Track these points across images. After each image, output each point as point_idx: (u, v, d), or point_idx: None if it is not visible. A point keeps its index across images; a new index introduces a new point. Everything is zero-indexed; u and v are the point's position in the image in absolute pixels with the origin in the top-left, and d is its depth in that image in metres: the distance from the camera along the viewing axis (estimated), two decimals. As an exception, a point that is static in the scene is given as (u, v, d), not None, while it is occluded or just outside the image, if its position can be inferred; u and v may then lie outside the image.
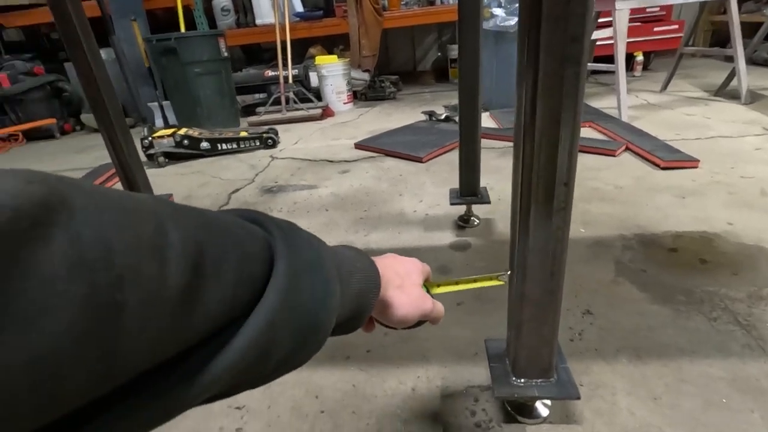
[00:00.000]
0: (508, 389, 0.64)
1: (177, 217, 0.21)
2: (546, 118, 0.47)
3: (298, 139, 2.71)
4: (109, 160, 2.50)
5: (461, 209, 1.42)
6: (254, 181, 2.03)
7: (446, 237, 1.33)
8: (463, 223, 1.39)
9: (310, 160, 2.26)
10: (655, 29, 3.44)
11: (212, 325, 0.22)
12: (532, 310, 0.59)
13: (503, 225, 1.37)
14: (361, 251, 0.39)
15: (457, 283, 0.52)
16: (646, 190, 1.51)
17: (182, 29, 3.33)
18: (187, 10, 3.47)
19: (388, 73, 4.19)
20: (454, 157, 2.06)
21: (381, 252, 1.17)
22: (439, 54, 4.72)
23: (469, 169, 1.30)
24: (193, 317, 0.21)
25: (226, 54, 3.10)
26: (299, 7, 3.75)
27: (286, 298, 0.26)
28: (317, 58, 3.47)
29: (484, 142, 1.32)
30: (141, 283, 0.18)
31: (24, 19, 3.79)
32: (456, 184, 1.51)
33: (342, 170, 2.05)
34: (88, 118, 3.66)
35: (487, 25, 2.56)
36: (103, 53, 1.67)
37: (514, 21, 2.51)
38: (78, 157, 2.92)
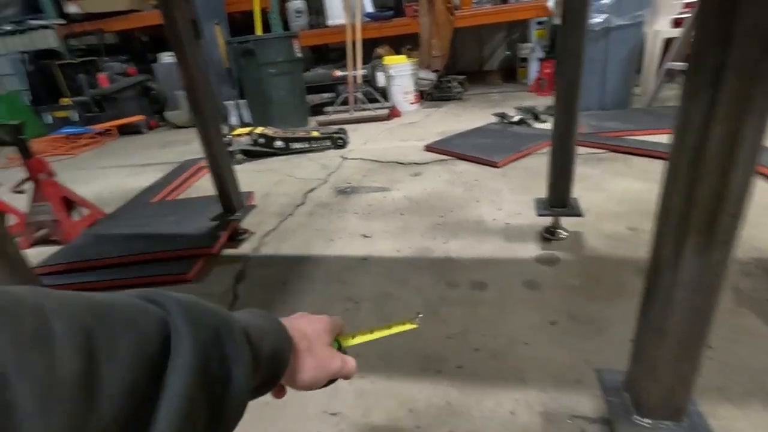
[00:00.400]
0: (631, 428, 0.59)
1: (60, 307, 0.21)
2: (722, 142, 0.42)
3: (366, 140, 2.73)
4: (190, 156, 2.67)
5: (545, 220, 1.35)
6: (327, 181, 2.07)
7: (531, 249, 1.27)
8: (550, 235, 1.32)
9: (380, 161, 2.26)
10: None
11: (120, 410, 0.21)
12: (672, 346, 0.53)
13: (594, 240, 1.28)
14: (267, 314, 0.39)
15: (371, 332, 0.50)
16: (763, 207, 1.35)
17: (258, 31, 3.47)
18: (264, 12, 3.61)
19: (454, 73, 4.12)
20: (531, 162, 1.98)
21: (463, 263, 1.14)
22: (508, 53, 4.57)
23: (561, 178, 1.23)
24: (97, 401, 0.20)
25: (299, 55, 3.19)
26: (370, 8, 3.77)
27: (196, 374, 0.25)
28: (386, 58, 3.48)
29: None
30: (28, 377, 0.18)
31: (121, 24, 4.14)
32: (536, 192, 1.44)
33: (413, 173, 2.03)
34: (171, 115, 3.93)
35: (569, 23, 2.42)
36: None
37: (600, 18, 2.36)
38: (162, 151, 3.14)
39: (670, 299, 0.51)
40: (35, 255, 1.55)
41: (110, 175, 2.66)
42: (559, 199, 1.27)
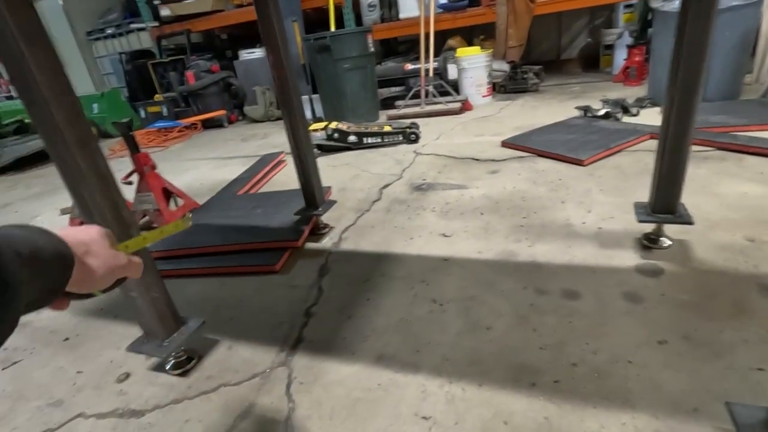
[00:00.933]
0: (779, 476, 0.53)
1: None
2: None
3: (439, 135, 2.69)
4: (268, 150, 2.79)
5: (643, 226, 1.23)
6: (402, 176, 2.07)
7: (629, 258, 1.18)
8: (650, 243, 1.21)
9: (454, 157, 2.22)
10: None
11: None
12: None
13: (704, 251, 1.16)
14: (35, 227, 0.39)
15: (144, 239, 0.53)
16: None
17: (332, 26, 3.54)
18: (337, 8, 3.67)
19: (529, 63, 3.92)
20: (622, 160, 1.84)
21: (552, 269, 1.08)
22: (590, 40, 4.27)
23: (670, 181, 1.12)
24: None
25: (372, 49, 3.21)
26: (443, -2, 3.69)
27: None
28: (459, 50, 3.39)
29: (654, 144, 1.11)
30: None
31: (205, 24, 4.43)
32: (630, 194, 1.33)
33: (491, 170, 1.97)
34: (249, 110, 4.14)
35: (671, 6, 2.20)
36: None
37: None
38: (243, 145, 3.33)
39: None
40: (141, 241, 1.72)
41: (198, 167, 2.86)
42: (664, 204, 1.16)
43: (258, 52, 4.17)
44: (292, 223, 1.56)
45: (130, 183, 1.85)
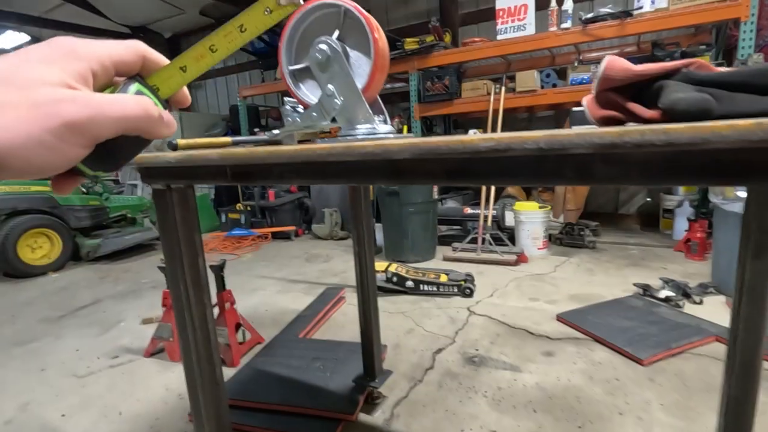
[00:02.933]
0: None
1: None
2: None
3: (493, 291, 2.78)
4: (331, 276, 3.00)
5: (712, 474, 1.19)
6: (455, 341, 2.13)
7: None
8: (718, 499, 1.15)
9: (508, 325, 2.27)
10: None
11: None
12: None
13: None
14: None
15: (212, 49, 0.31)
16: None
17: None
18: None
19: (585, 216, 4.05)
20: (684, 365, 1.80)
21: None
22: (649, 200, 4.37)
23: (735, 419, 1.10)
24: None
25: (436, 197, 3.51)
26: (505, 153, 4.05)
27: None
28: (517, 204, 3.62)
29: (720, 349, 1.10)
30: None
31: (292, 149, 5.10)
32: (694, 417, 1.28)
33: (545, 351, 1.99)
34: (316, 228, 4.53)
35: (732, 207, 2.29)
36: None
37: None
38: (307, 266, 3.60)
39: None
40: (208, 376, 1.86)
41: (265, 288, 3.11)
42: (731, 459, 1.13)
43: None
44: (348, 390, 1.65)
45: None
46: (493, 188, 3.64)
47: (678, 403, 1.58)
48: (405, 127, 4.15)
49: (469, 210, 3.88)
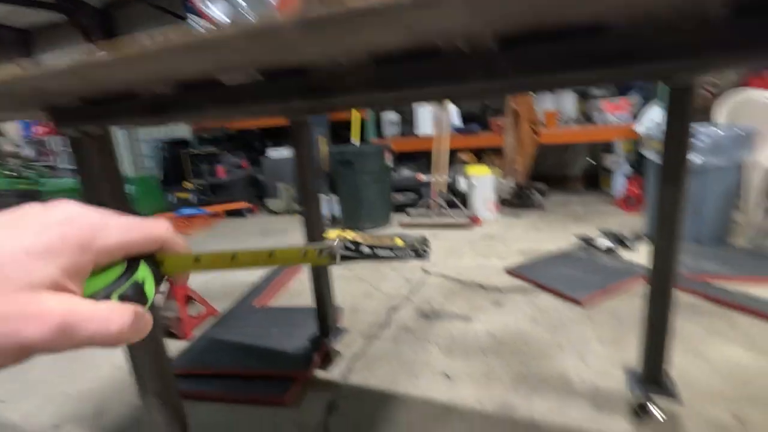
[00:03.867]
0: None
1: None
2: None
3: (447, 251, 2.86)
4: (286, 245, 2.97)
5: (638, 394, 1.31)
6: (410, 300, 2.19)
7: (621, 427, 1.24)
8: (642, 411, 1.28)
9: (461, 281, 2.35)
10: None
11: None
12: None
13: (693, 425, 1.22)
14: None
15: (233, 258, 0.30)
16: None
17: (355, 137, 3.92)
18: (361, 122, 4.09)
19: (534, 177, 4.21)
20: (619, 304, 1.95)
21: (549, 430, 1.12)
22: (592, 162, 4.60)
23: (654, 342, 1.21)
24: None
25: (390, 164, 3.52)
26: (457, 120, 4.11)
27: None
28: (469, 168, 3.70)
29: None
30: None
31: (241, 123, 4.91)
32: (626, 346, 1.40)
33: (495, 301, 2.08)
34: (271, 202, 4.43)
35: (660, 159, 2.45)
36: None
37: (695, 159, 2.36)
38: (262, 240, 3.53)
39: None
40: (160, 350, 1.82)
41: (218, 263, 3.02)
42: (652, 372, 1.25)
43: (284, 151, 4.57)
44: (305, 349, 1.66)
45: (161, 293, 2.00)
46: (445, 158, 3.70)
47: (611, 336, 1.72)
48: (356, 97, 4.08)
49: (423, 177, 3.92)
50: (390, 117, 4.36)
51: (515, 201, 3.85)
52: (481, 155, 4.33)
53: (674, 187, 1.11)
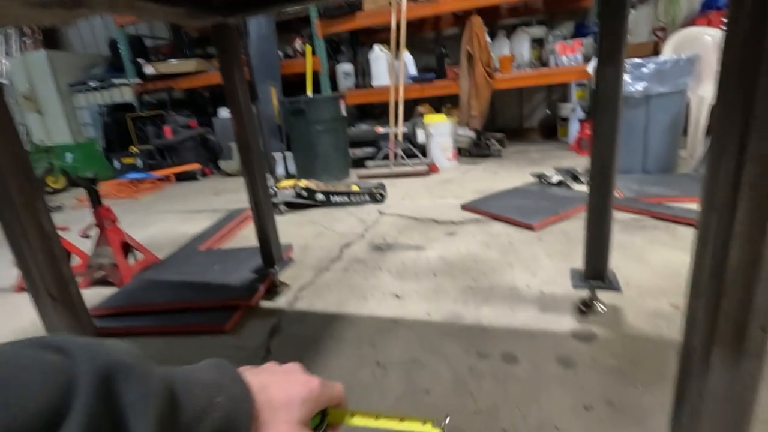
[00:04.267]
0: None
1: None
2: (747, 232, 0.42)
3: (404, 195, 2.81)
4: (240, 204, 2.84)
5: (582, 291, 1.32)
6: (364, 236, 2.13)
7: (566, 323, 1.24)
8: (586, 308, 1.28)
9: (416, 218, 2.31)
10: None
11: None
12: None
13: (634, 317, 1.23)
14: (232, 369, 0.32)
15: (377, 418, 0.39)
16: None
17: (309, 91, 3.76)
18: (315, 74, 3.92)
19: (493, 130, 4.21)
20: (568, 226, 1.96)
21: (495, 332, 1.13)
22: (548, 112, 4.63)
23: (597, 247, 1.22)
24: None
25: (344, 114, 3.40)
26: (413, 70, 4.00)
27: None
28: (426, 116, 3.63)
29: None
30: None
31: (188, 82, 4.61)
32: (574, 259, 1.41)
33: (449, 232, 2.06)
34: (224, 164, 4.23)
35: (608, 89, 2.46)
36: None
37: (640, 86, 2.38)
38: (214, 198, 3.37)
39: (699, 410, 0.49)
40: (92, 295, 1.68)
41: (165, 220, 2.86)
42: (595, 270, 1.25)
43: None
44: (248, 281, 1.58)
45: (87, 236, 1.85)
46: (401, 107, 3.61)
47: (560, 251, 1.72)
48: (309, 48, 3.90)
49: (381, 129, 3.83)
50: (344, 69, 4.20)
51: (473, 150, 3.84)
52: (439, 107, 4.27)
53: (609, 113, 1.11)
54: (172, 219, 2.87)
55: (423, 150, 3.68)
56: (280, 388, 0.34)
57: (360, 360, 1.17)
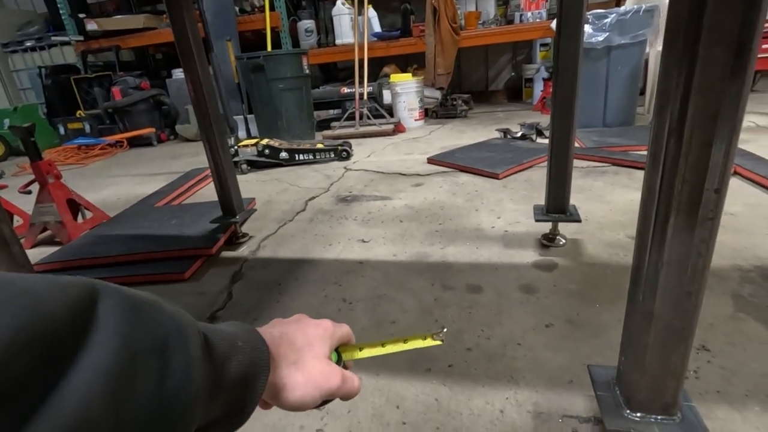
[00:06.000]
0: (623, 423, 0.57)
1: None
2: (700, 114, 0.42)
3: (371, 153, 2.76)
4: (198, 166, 2.71)
5: (544, 228, 1.34)
6: (329, 190, 2.08)
7: (529, 255, 1.26)
8: (548, 242, 1.31)
9: (383, 172, 2.28)
10: (765, 47, 3.11)
11: None
12: (660, 333, 0.52)
13: (593, 247, 1.27)
14: (244, 325, 0.33)
15: (383, 345, 0.42)
16: (764, 218, 1.33)
17: (269, 49, 3.57)
18: (274, 32, 3.73)
19: (460, 92, 4.18)
20: (532, 175, 1.98)
21: (460, 267, 1.13)
22: (513, 74, 4.64)
23: (558, 184, 1.23)
24: None
25: (307, 71, 3.26)
26: (377, 28, 3.88)
27: (110, 386, 0.18)
28: (392, 75, 3.55)
29: None
30: None
31: (137, 41, 4.29)
32: (537, 202, 1.43)
33: (415, 183, 2.04)
34: (181, 128, 4.02)
35: (572, 41, 2.46)
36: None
37: (601, 37, 2.39)
38: (171, 162, 3.20)
39: (657, 281, 0.50)
40: (38, 255, 1.57)
41: (119, 184, 2.70)
42: (557, 205, 1.26)
43: (193, 72, 4.10)
44: (208, 231, 1.51)
45: (28, 192, 1.71)
46: (366, 67, 3.50)
47: (524, 196, 1.74)
48: (267, 2, 3.68)
49: (346, 90, 3.72)
50: (306, 25, 4.01)
51: (440, 111, 3.81)
52: (405, 68, 4.19)
53: (570, 47, 1.10)
54: (126, 182, 2.71)
55: (390, 110, 3.61)
56: (298, 331, 0.37)
57: (325, 298, 1.15)
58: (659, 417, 0.57)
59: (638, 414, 0.57)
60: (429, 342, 0.42)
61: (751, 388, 0.72)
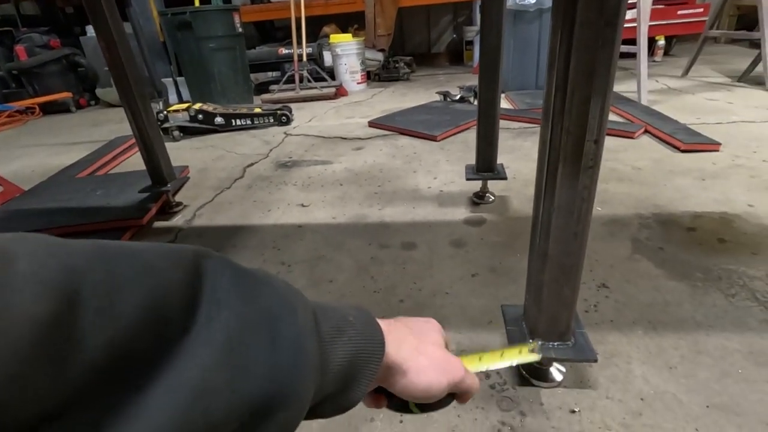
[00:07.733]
0: (525, 351, 0.65)
1: (36, 248, 0.16)
2: (579, 72, 0.47)
3: (311, 117, 2.71)
4: (123, 133, 2.52)
5: (477, 186, 1.41)
6: (268, 156, 2.04)
7: (461, 213, 1.33)
8: (479, 199, 1.39)
9: (323, 137, 2.26)
10: (679, 12, 3.34)
11: (100, 375, 0.16)
12: (553, 270, 0.59)
13: (518, 202, 1.36)
14: (357, 306, 0.31)
15: (480, 359, 0.43)
16: (666, 172, 1.49)
17: (197, 4, 3.31)
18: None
19: (402, 55, 4.15)
20: (469, 136, 2.06)
21: (396, 227, 1.17)
22: (454, 36, 4.65)
23: (487, 144, 1.29)
24: (69, 361, 0.15)
25: (240, 30, 3.08)
26: (314, -16, 3.70)
27: (223, 357, 0.19)
28: (332, 36, 3.44)
29: (500, 123, 1.33)
30: None
31: (40, -8, 3.79)
32: (471, 163, 1.50)
33: (356, 147, 2.05)
34: (103, 92, 3.68)
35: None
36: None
37: (533, 0, 2.45)
38: (93, 130, 2.95)
39: (549, 225, 0.56)
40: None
41: (32, 154, 2.46)
42: (486, 164, 1.33)
43: (111, 29, 3.71)
44: (137, 202, 1.44)
45: None
46: (304, 26, 3.35)
47: (460, 157, 1.81)
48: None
49: (284, 50, 3.57)
50: (237, -20, 3.74)
51: (382, 74, 3.77)
52: (346, 28, 4.06)
53: (494, 8, 1.12)
54: (40, 153, 2.48)
55: (331, 73, 3.52)
56: (409, 320, 0.36)
57: (263, 262, 1.16)
58: (556, 343, 0.65)
59: (539, 342, 0.66)
60: (525, 356, 0.47)
61: (637, 317, 0.84)
